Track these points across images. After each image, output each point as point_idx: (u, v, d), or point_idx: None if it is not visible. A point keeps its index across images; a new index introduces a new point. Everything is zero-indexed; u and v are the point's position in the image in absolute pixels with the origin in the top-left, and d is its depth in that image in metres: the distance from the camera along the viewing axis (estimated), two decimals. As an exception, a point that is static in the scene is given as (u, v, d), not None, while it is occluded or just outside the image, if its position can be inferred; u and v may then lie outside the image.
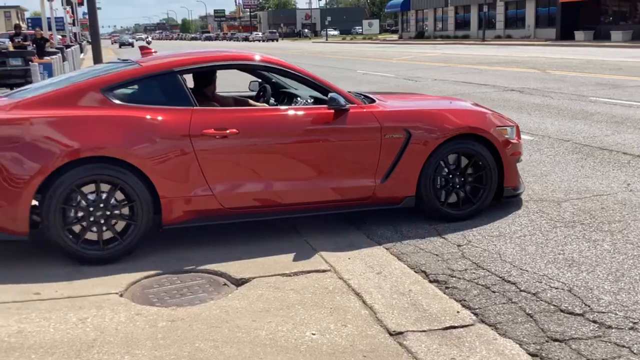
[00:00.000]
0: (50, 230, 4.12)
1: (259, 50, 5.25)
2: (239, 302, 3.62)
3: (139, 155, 4.20)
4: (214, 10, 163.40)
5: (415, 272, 4.11)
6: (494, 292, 3.75)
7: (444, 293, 3.76)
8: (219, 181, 4.45)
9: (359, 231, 4.96)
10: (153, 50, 5.21)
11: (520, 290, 3.75)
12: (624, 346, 3.06)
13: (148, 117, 4.32)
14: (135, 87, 4.56)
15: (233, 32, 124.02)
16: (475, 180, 5.15)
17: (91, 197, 4.19)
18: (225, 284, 3.94)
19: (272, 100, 5.51)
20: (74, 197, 4.16)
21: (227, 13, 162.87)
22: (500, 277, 3.95)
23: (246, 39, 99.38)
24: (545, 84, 15.11)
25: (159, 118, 4.34)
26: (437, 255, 4.41)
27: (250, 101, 5.46)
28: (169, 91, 4.54)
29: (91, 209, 4.19)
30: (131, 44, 75.88)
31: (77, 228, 4.21)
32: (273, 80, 6.00)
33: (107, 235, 4.27)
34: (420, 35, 65.18)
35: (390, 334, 3.23)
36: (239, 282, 3.94)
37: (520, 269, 4.06)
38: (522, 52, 31.73)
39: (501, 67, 21.74)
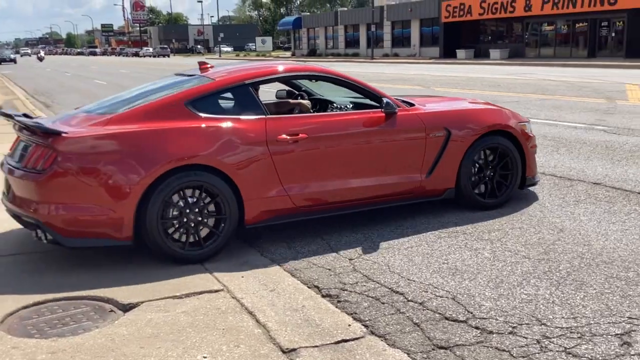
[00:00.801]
0: (152, 234, 4.38)
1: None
2: (126, 329, 3.48)
3: (226, 162, 4.60)
4: (101, 24, 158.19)
5: (308, 287, 4.13)
6: (383, 303, 3.84)
7: (336, 307, 3.80)
8: (291, 182, 4.90)
9: (252, 249, 4.93)
10: (209, 65, 5.53)
11: (408, 300, 3.86)
12: (504, 350, 3.22)
13: (230, 126, 4.73)
14: (214, 99, 4.92)
15: (122, 47, 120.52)
16: (503, 172, 5.78)
17: (184, 201, 4.51)
18: (111, 311, 3.77)
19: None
20: (171, 203, 4.46)
21: (115, 28, 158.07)
22: (389, 288, 4.06)
23: (136, 55, 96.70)
24: (431, 100, 15.77)
25: (240, 127, 4.75)
26: (329, 269, 4.46)
27: (291, 100, 5.85)
28: (244, 102, 4.99)
29: (186, 212, 4.51)
30: (13, 60, 69.51)
31: (174, 231, 4.51)
32: (303, 88, 6.39)
33: (197, 236, 4.58)
34: (313, 53, 66.33)
35: (283, 352, 3.22)
36: (127, 308, 3.79)
37: (408, 279, 4.19)
38: (409, 69, 33.09)
39: (389, 84, 22.51)
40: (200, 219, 4.56)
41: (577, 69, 29.28)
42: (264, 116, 4.90)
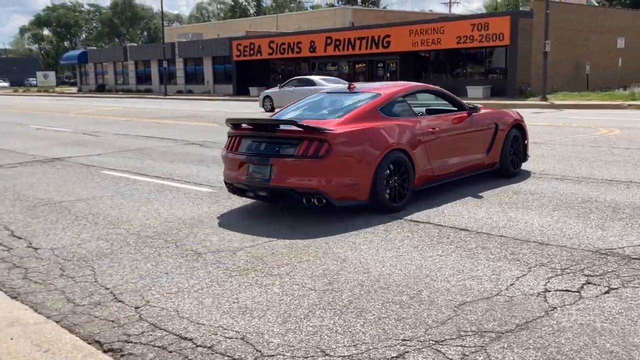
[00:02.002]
0: (380, 194, 6.78)
1: None
2: None
3: (409, 146, 7.18)
4: None
5: (88, 343, 3.83)
6: (170, 352, 3.69)
7: (120, 362, 3.57)
8: (432, 159, 7.58)
9: (24, 305, 4.46)
10: (354, 85, 8.25)
11: (197, 346, 3.75)
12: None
13: (405, 124, 7.32)
14: (388, 107, 7.42)
15: None
16: (517, 151, 9.07)
17: (391, 171, 6.94)
18: None
19: None
20: (387, 172, 6.88)
21: None
22: (178, 335, 3.92)
23: None
24: (225, 137, 15.89)
25: (408, 124, 7.36)
26: (113, 321, 4.19)
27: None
28: (404, 108, 7.65)
29: (392, 179, 6.95)
30: None
31: (388, 191, 6.93)
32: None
33: (396, 194, 7.04)
34: (101, 89, 63.49)
35: (57, 420, 2.92)
36: None
37: (197, 324, 4.08)
38: (203, 106, 33.10)
39: (183, 121, 22.28)
40: (397, 183, 6.99)
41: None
42: (415, 117, 7.59)
